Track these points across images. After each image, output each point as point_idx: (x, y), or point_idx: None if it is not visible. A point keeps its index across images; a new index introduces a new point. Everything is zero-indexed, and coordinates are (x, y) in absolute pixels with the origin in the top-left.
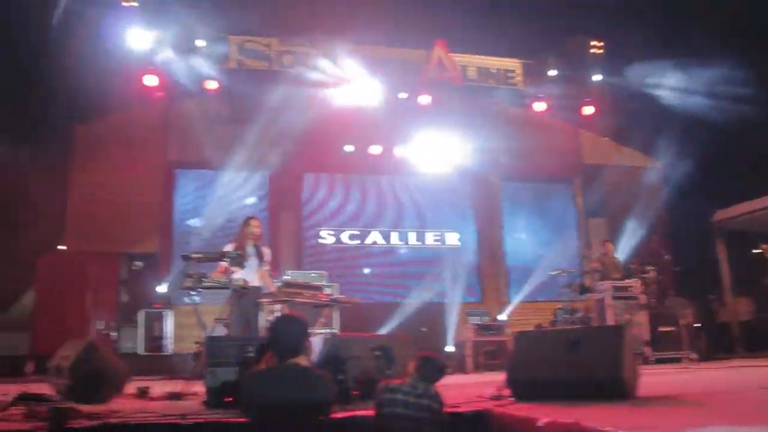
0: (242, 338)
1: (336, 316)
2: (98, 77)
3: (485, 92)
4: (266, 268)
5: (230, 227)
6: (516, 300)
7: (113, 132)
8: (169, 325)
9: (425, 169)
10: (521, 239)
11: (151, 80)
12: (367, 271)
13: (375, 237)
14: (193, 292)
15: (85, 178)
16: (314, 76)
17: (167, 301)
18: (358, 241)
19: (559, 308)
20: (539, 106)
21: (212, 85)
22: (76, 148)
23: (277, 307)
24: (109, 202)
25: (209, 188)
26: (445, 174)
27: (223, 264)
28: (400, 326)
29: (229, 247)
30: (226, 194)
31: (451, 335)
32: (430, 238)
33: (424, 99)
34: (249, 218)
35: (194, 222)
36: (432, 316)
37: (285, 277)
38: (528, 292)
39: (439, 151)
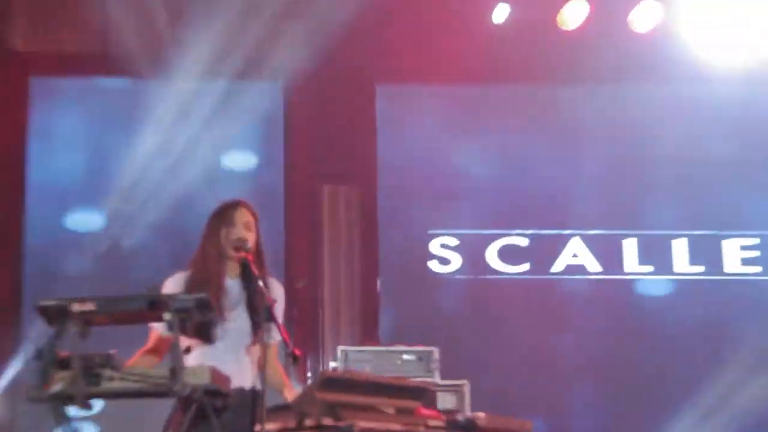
0: None
1: None
2: None
3: None
4: (274, 339)
5: (179, 230)
6: None
7: None
8: None
9: (710, 65)
10: None
11: None
12: (551, 343)
13: (574, 252)
14: (76, 409)
15: None
16: None
17: None
18: (527, 264)
19: None
20: None
21: None
22: None
23: None
24: None
25: (124, 125)
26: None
27: (158, 331)
28: None
29: (174, 283)
30: (169, 142)
31: None
32: (733, 255)
33: None
34: (228, 205)
35: (83, 216)
36: None
37: (331, 364)
38: None
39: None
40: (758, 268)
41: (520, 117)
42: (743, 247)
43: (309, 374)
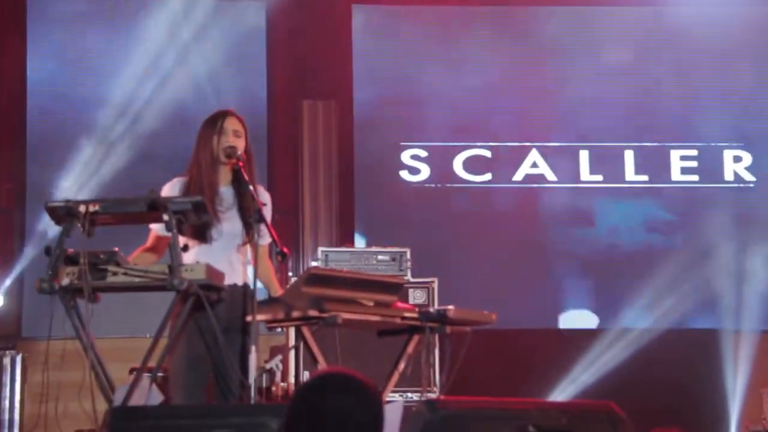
0: (202, 409)
1: (436, 358)
2: None
3: None
4: (264, 240)
5: (172, 139)
6: None
7: None
8: (13, 387)
9: None
10: None
11: None
12: (509, 249)
13: (533, 163)
14: (80, 303)
15: None
16: None
17: (11, 330)
18: (490, 175)
19: None
20: None
21: None
22: None
23: (292, 337)
24: None
25: (114, 40)
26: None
27: (157, 232)
28: (597, 384)
29: (171, 188)
30: (160, 57)
31: (735, 411)
32: (678, 165)
33: None
34: (218, 114)
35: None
36: (683, 361)
37: (312, 264)
38: None
39: None
40: (695, 179)
41: (488, 36)
42: (689, 158)
43: (290, 274)
